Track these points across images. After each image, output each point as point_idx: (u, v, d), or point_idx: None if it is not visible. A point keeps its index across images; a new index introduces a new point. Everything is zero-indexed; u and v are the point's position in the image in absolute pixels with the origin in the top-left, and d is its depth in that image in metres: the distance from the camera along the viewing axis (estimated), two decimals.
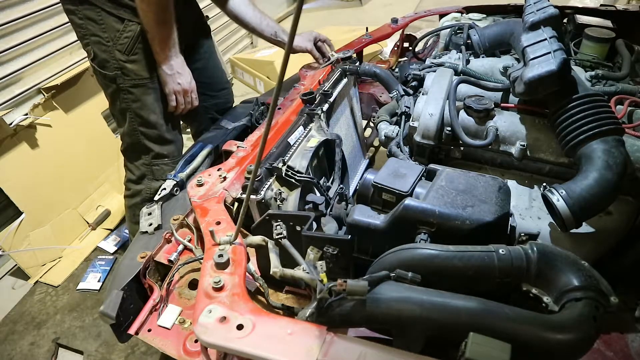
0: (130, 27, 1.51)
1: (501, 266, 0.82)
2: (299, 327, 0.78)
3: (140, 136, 1.69)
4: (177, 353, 0.88)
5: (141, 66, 1.57)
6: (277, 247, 1.01)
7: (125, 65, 1.56)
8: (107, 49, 1.54)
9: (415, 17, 2.22)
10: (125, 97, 1.62)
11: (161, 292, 0.99)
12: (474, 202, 0.99)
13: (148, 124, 1.66)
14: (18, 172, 2.29)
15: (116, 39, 1.52)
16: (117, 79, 1.59)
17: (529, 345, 0.72)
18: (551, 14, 1.27)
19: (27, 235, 2.34)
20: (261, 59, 3.75)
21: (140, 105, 1.63)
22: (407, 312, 0.76)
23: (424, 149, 1.37)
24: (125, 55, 1.54)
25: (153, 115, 1.65)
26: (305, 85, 1.68)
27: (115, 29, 1.51)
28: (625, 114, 1.25)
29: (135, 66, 1.56)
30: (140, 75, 1.58)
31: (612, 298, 0.78)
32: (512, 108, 1.35)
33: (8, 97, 2.33)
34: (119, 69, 1.57)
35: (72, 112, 2.57)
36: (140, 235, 1.16)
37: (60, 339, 2.07)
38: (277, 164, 1.25)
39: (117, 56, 1.54)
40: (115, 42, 1.52)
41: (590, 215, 1.07)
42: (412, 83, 1.61)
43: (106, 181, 2.77)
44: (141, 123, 1.66)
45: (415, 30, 2.90)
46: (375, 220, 1.06)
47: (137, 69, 1.57)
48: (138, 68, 1.57)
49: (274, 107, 0.77)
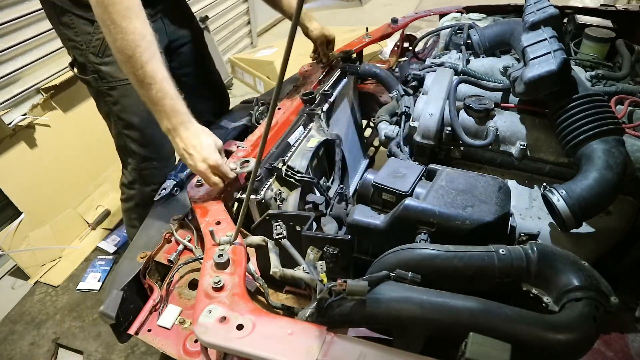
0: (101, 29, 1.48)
1: (501, 266, 0.82)
2: (299, 327, 0.78)
3: (125, 139, 1.64)
4: (177, 353, 0.89)
5: (116, 68, 1.46)
6: (277, 247, 1.01)
7: (100, 67, 1.51)
8: (82, 53, 1.50)
9: (415, 17, 2.22)
10: (106, 99, 1.58)
11: (161, 292, 0.99)
12: (474, 202, 0.99)
13: (131, 126, 1.60)
14: (17, 172, 2.29)
15: (88, 42, 1.47)
16: (95, 82, 1.54)
17: (529, 345, 0.72)
18: (551, 14, 1.27)
19: (26, 235, 2.33)
20: (261, 59, 3.75)
21: (120, 108, 1.57)
22: (407, 312, 0.76)
23: (424, 149, 1.37)
24: (99, 58, 1.49)
25: (135, 118, 1.58)
26: (305, 85, 1.68)
27: (87, 32, 1.46)
28: (625, 114, 1.25)
29: (110, 68, 1.51)
30: (117, 77, 1.51)
31: (612, 298, 0.78)
32: (512, 108, 1.35)
33: (7, 97, 2.32)
34: (95, 72, 1.52)
35: (71, 112, 2.56)
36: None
37: (60, 339, 2.07)
38: (277, 164, 1.25)
39: (91, 59, 1.50)
40: (88, 45, 1.48)
41: (590, 215, 1.07)
42: (412, 83, 1.61)
43: (106, 181, 2.77)
44: (124, 126, 1.61)
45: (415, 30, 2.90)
46: (375, 220, 1.06)
47: (112, 70, 1.51)
48: (113, 70, 1.51)
49: (274, 107, 0.77)
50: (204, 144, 1.14)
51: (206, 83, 1.92)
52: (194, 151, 1.14)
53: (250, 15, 4.53)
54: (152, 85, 1.09)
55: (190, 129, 1.16)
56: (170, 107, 1.12)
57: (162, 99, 1.11)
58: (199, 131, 1.17)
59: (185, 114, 1.15)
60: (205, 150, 1.14)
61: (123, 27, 1.05)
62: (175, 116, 1.13)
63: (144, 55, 1.07)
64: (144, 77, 1.09)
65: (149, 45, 1.08)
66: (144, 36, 1.07)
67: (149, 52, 1.08)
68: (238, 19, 4.36)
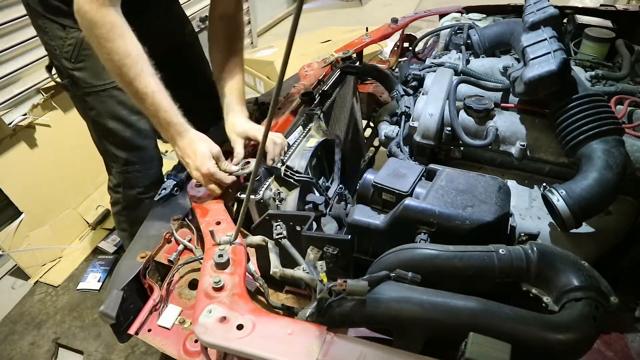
0: (73, 34, 1.43)
1: (501, 266, 0.82)
2: (299, 327, 0.78)
3: (106, 143, 1.64)
4: (177, 353, 0.89)
5: (90, 74, 1.49)
6: (277, 247, 1.01)
7: (73, 73, 1.50)
8: (56, 57, 1.49)
9: (415, 17, 2.22)
10: (82, 105, 1.57)
11: (161, 292, 0.99)
12: (474, 202, 0.99)
13: (108, 131, 1.59)
14: (17, 172, 2.29)
15: (61, 47, 1.46)
16: (70, 87, 1.54)
17: (529, 345, 0.72)
18: (551, 14, 1.27)
19: (26, 235, 2.33)
20: (261, 59, 3.75)
21: (96, 113, 1.56)
22: (407, 312, 0.76)
23: (424, 149, 1.37)
24: (72, 63, 1.48)
25: (112, 123, 1.56)
26: (305, 85, 1.68)
27: (59, 36, 1.45)
28: (625, 114, 1.25)
29: (83, 74, 1.49)
30: (90, 83, 1.50)
31: (612, 298, 0.78)
32: (512, 108, 1.35)
33: (7, 97, 2.33)
34: (68, 77, 1.51)
35: (71, 112, 2.56)
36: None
37: (60, 339, 2.07)
38: (276, 164, 1.25)
39: (64, 64, 1.49)
40: (61, 50, 1.47)
41: (590, 215, 1.07)
42: (412, 83, 1.61)
43: (106, 181, 2.77)
44: (102, 131, 1.60)
45: (415, 30, 2.90)
46: (375, 220, 1.06)
47: (85, 76, 1.50)
48: (86, 76, 1.49)
49: (274, 107, 0.77)
50: (198, 153, 1.16)
51: (205, 83, 1.92)
52: (189, 160, 1.17)
53: (250, 15, 4.53)
54: (145, 99, 1.12)
55: (185, 138, 1.18)
56: (165, 119, 1.15)
57: (156, 112, 1.14)
58: (194, 140, 1.18)
59: (179, 124, 1.17)
60: (199, 159, 1.15)
61: (108, 47, 1.07)
62: (170, 128, 1.16)
63: (130, 72, 1.09)
64: (135, 92, 1.12)
65: (134, 62, 1.09)
66: (128, 54, 1.08)
67: (135, 68, 1.09)
68: None
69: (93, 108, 1.55)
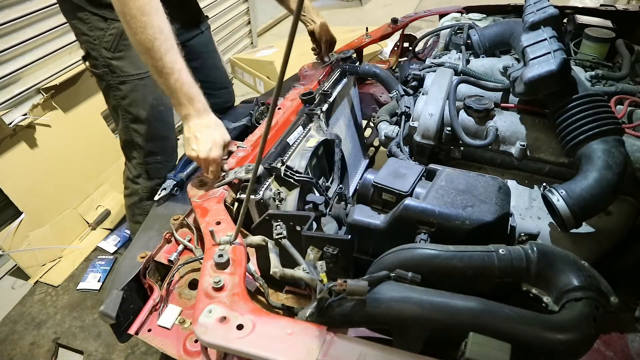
0: (114, 25, 1.52)
1: (501, 266, 0.82)
2: (299, 327, 0.78)
3: (132, 133, 1.70)
4: (177, 353, 0.89)
5: (127, 63, 1.57)
6: (277, 247, 1.01)
7: (111, 62, 1.57)
8: (95, 47, 1.56)
9: (415, 17, 2.22)
10: (115, 94, 1.64)
11: (161, 292, 0.99)
12: (474, 202, 0.99)
13: (138, 120, 1.67)
14: (17, 172, 2.29)
15: (101, 37, 1.54)
16: (106, 76, 1.60)
17: (529, 345, 0.72)
18: (551, 14, 1.27)
19: (27, 235, 2.33)
20: (261, 59, 3.75)
21: (129, 102, 1.64)
22: (407, 312, 0.76)
23: (424, 149, 1.37)
24: (111, 53, 1.55)
25: (142, 112, 1.65)
26: (305, 85, 1.68)
27: (100, 27, 1.53)
28: (625, 114, 1.25)
29: (121, 63, 1.57)
30: (127, 72, 1.58)
31: (612, 298, 0.78)
32: (512, 108, 1.35)
33: (7, 97, 2.32)
34: (106, 66, 1.58)
35: (71, 112, 2.57)
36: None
37: (60, 339, 2.07)
38: (276, 164, 1.25)
39: (103, 54, 1.56)
40: (101, 40, 1.54)
41: (590, 215, 1.07)
42: (412, 83, 1.61)
43: (106, 181, 2.77)
44: (132, 120, 1.67)
45: (415, 30, 2.90)
46: (375, 220, 1.06)
47: (123, 65, 1.57)
48: (124, 65, 1.57)
49: (274, 107, 0.77)
50: (213, 137, 1.20)
51: (211, 79, 1.95)
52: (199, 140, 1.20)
53: (250, 15, 4.53)
54: (171, 75, 1.16)
55: (203, 118, 1.22)
56: (187, 94, 1.19)
57: (180, 87, 1.18)
58: (210, 123, 1.23)
59: (201, 102, 1.21)
60: (212, 143, 1.20)
61: (143, 21, 1.12)
62: (191, 103, 1.20)
63: (162, 47, 1.14)
64: (162, 67, 1.15)
65: (166, 38, 1.15)
66: (162, 30, 1.14)
67: (166, 44, 1.15)
68: (238, 19, 4.36)
69: (126, 96, 1.63)
